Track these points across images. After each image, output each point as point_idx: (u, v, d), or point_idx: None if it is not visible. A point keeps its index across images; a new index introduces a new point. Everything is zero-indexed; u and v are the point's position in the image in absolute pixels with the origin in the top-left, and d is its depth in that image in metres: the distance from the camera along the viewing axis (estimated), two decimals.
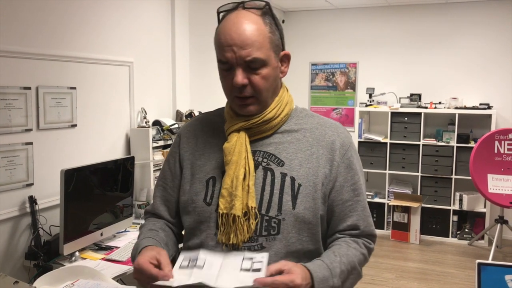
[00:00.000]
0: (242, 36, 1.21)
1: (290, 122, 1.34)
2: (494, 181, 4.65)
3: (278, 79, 1.31)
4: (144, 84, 3.67)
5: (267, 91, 1.27)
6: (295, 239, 1.26)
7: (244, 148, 1.27)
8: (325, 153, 1.29)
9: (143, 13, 3.64)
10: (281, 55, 1.30)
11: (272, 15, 1.28)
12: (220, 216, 1.26)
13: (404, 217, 5.40)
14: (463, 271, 4.55)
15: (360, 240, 1.31)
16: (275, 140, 1.31)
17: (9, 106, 2.55)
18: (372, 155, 5.68)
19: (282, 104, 1.32)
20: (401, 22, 5.79)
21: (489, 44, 5.43)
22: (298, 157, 1.29)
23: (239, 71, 1.22)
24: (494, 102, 5.40)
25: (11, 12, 2.57)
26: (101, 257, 2.63)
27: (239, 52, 1.21)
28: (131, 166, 3.07)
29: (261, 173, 1.28)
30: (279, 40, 1.28)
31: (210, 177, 1.33)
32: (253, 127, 1.30)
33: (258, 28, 1.23)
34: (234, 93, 1.26)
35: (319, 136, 1.32)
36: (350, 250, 1.27)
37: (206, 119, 1.45)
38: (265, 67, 1.24)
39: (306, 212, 1.25)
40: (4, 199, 2.55)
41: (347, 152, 1.31)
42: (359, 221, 1.30)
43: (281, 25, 1.32)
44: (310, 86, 6.26)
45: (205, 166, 1.35)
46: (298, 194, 1.25)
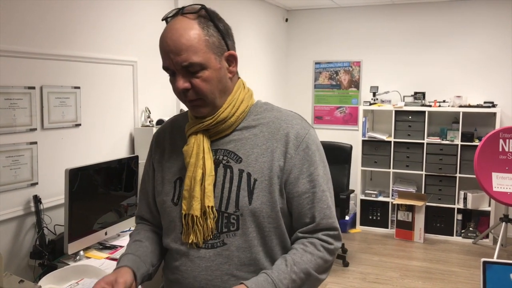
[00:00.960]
0: (176, 42, 1.23)
1: (249, 118, 1.36)
2: (499, 180, 4.63)
3: (224, 79, 1.30)
4: (148, 83, 3.67)
5: (212, 93, 1.28)
6: (256, 233, 1.29)
7: (201, 149, 1.30)
8: (279, 146, 1.30)
9: (147, 13, 3.64)
10: (226, 55, 1.30)
11: (211, 18, 1.27)
12: (184, 216, 1.31)
13: (408, 216, 5.39)
14: (467, 270, 4.54)
15: (318, 242, 1.29)
16: (234, 137, 1.34)
17: (14, 105, 2.56)
18: (376, 153, 5.67)
19: (236, 102, 1.33)
20: (405, 21, 5.78)
21: (494, 42, 5.41)
22: (255, 152, 1.31)
23: (179, 77, 1.25)
24: (499, 100, 5.38)
25: (15, 12, 2.57)
26: (105, 256, 2.63)
27: (175, 59, 1.23)
28: (135, 165, 3.08)
29: (222, 171, 1.31)
30: (220, 41, 1.28)
31: (177, 178, 1.37)
32: (210, 128, 1.32)
33: (192, 32, 1.23)
34: (181, 98, 1.29)
35: (274, 130, 1.32)
36: (305, 255, 1.27)
37: (175, 122, 1.49)
38: (205, 69, 1.25)
39: (263, 206, 1.27)
40: (9, 198, 2.56)
41: (302, 143, 1.30)
42: (314, 213, 1.30)
43: (226, 26, 1.32)
44: (314, 85, 6.26)
45: (173, 167, 1.39)
46: (254, 189, 1.28)
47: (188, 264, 1.31)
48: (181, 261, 1.33)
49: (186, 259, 1.31)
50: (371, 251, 5.04)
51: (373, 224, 5.77)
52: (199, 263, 1.29)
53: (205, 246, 1.29)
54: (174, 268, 1.35)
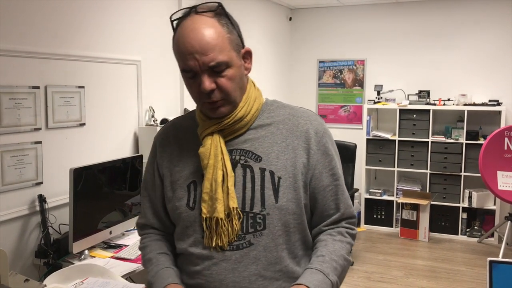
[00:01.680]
0: (202, 42, 1.19)
1: (262, 117, 1.34)
2: (504, 178, 4.61)
3: (244, 77, 1.30)
4: (152, 82, 3.68)
5: (235, 91, 1.26)
6: (282, 231, 1.28)
7: (219, 150, 1.28)
8: (300, 143, 1.30)
9: (151, 12, 3.65)
10: (242, 52, 1.29)
11: (226, 15, 1.26)
12: (204, 220, 1.28)
13: (413, 215, 5.38)
14: (472, 269, 4.52)
15: (343, 229, 1.35)
16: (249, 136, 1.31)
17: (18, 105, 2.57)
18: (381, 152, 5.66)
19: (250, 100, 1.31)
20: (409, 19, 5.76)
21: (498, 40, 5.39)
22: (275, 150, 1.29)
23: (205, 77, 1.21)
24: (504, 98, 5.35)
25: (19, 12, 2.58)
26: (110, 255, 2.64)
27: (202, 59, 1.20)
28: (139, 164, 3.08)
29: (241, 171, 1.29)
30: (238, 39, 1.27)
31: (191, 182, 1.33)
32: (226, 128, 1.30)
33: (215, 31, 1.21)
34: (203, 99, 1.25)
35: (292, 127, 1.32)
36: (337, 243, 1.31)
37: (178, 124, 1.44)
38: (230, 68, 1.23)
39: (290, 203, 1.27)
40: (14, 198, 2.57)
41: (322, 139, 1.32)
42: (339, 204, 1.34)
43: (236, 22, 1.30)
44: (318, 84, 6.25)
45: (184, 171, 1.35)
46: (279, 187, 1.27)
47: (213, 268, 1.27)
48: (204, 265, 1.29)
49: (209, 263, 1.28)
50: (376, 250, 5.03)
51: (377, 223, 5.76)
52: (225, 266, 1.26)
53: (230, 248, 1.26)
54: (194, 273, 1.31)
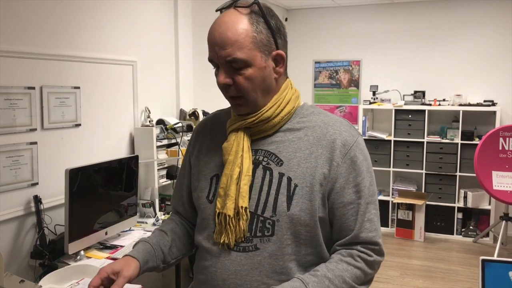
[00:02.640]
0: (223, 35, 1.19)
1: (294, 120, 1.30)
2: (499, 178, 4.63)
3: (269, 79, 1.25)
4: (148, 83, 3.68)
5: (253, 91, 1.23)
6: (291, 241, 1.23)
7: (241, 147, 1.26)
8: (324, 153, 1.24)
9: (147, 12, 3.65)
10: (274, 55, 1.24)
11: (263, 14, 1.23)
12: (217, 215, 1.27)
13: (408, 215, 5.39)
14: (468, 269, 4.54)
15: (356, 252, 1.23)
16: (277, 138, 1.29)
17: (14, 106, 2.56)
18: (376, 152, 5.67)
19: (281, 102, 1.28)
20: (404, 19, 5.78)
21: (493, 41, 5.41)
22: (297, 156, 1.25)
23: (222, 71, 1.22)
24: (499, 99, 5.38)
25: (15, 12, 2.57)
26: (106, 256, 2.64)
27: (220, 52, 1.20)
28: (135, 165, 3.08)
29: (261, 173, 1.26)
30: (269, 39, 1.22)
31: (214, 175, 1.33)
32: (252, 126, 1.28)
33: (240, 27, 1.19)
34: (223, 92, 1.26)
35: (320, 135, 1.26)
36: (341, 264, 1.21)
37: (217, 117, 1.45)
38: (249, 67, 1.20)
39: (302, 213, 1.21)
40: (9, 198, 2.56)
41: (350, 152, 1.24)
42: (356, 225, 1.23)
43: (278, 24, 1.26)
44: (314, 84, 6.26)
45: (210, 163, 1.36)
46: (293, 195, 1.22)
47: (218, 266, 1.26)
48: (211, 262, 1.28)
49: (216, 260, 1.27)
50: None
51: None
52: (229, 266, 1.24)
53: (237, 249, 1.24)
54: (203, 268, 1.31)
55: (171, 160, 3.66)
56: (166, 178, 3.65)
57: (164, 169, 3.65)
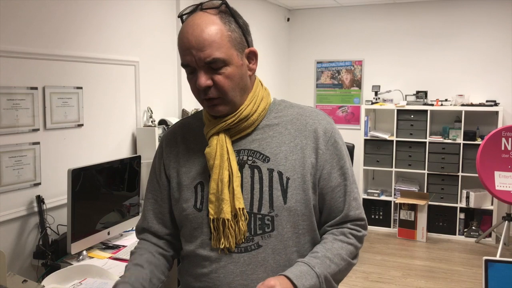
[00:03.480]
0: (199, 38, 1.19)
1: (270, 116, 1.33)
2: (501, 178, 4.62)
3: (245, 76, 1.27)
4: (150, 83, 3.68)
5: (233, 90, 1.24)
6: (291, 233, 1.26)
7: (225, 150, 1.26)
8: (309, 143, 1.28)
9: (149, 13, 3.65)
10: (246, 52, 1.27)
11: (231, 13, 1.25)
12: (212, 221, 1.26)
13: (410, 215, 5.39)
14: (470, 269, 4.53)
15: (347, 230, 1.30)
16: (257, 136, 1.30)
17: (16, 106, 2.57)
18: (378, 153, 5.67)
19: (257, 99, 1.30)
20: (406, 19, 5.77)
21: (496, 40, 5.40)
22: (283, 150, 1.28)
23: (201, 73, 1.21)
24: (501, 99, 5.37)
25: (17, 13, 2.58)
26: (108, 256, 2.64)
27: (198, 54, 1.19)
28: (137, 165, 3.08)
29: (248, 172, 1.27)
30: (241, 38, 1.25)
31: (198, 183, 1.32)
32: (231, 127, 1.28)
33: (215, 28, 1.20)
34: (201, 95, 1.25)
35: (301, 126, 1.30)
36: (336, 243, 1.27)
37: (186, 125, 1.43)
38: (228, 66, 1.21)
39: (298, 204, 1.25)
40: (12, 198, 2.57)
41: (331, 138, 1.30)
42: (344, 205, 1.30)
43: (245, 23, 1.29)
44: (316, 84, 6.25)
45: (190, 172, 1.34)
46: (287, 188, 1.25)
47: (220, 271, 1.25)
48: (211, 268, 1.27)
49: (217, 266, 1.26)
50: (374, 250, 5.04)
51: (375, 223, 5.77)
52: (233, 269, 1.24)
53: (238, 250, 1.24)
54: (201, 276, 1.29)
55: None
56: None
57: None
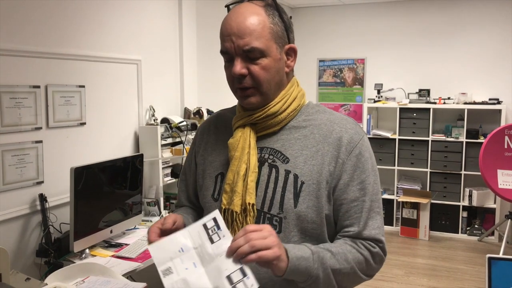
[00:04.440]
0: (241, 25, 1.20)
1: (299, 118, 1.31)
2: (504, 177, 4.61)
3: (282, 72, 1.27)
4: (152, 82, 3.68)
5: (268, 83, 1.23)
6: (297, 238, 1.23)
7: (247, 143, 1.26)
8: (330, 150, 1.24)
9: (151, 11, 3.65)
10: (286, 48, 1.27)
11: (277, 8, 1.26)
12: (223, 211, 1.26)
13: (413, 213, 5.38)
14: (473, 267, 4.52)
15: (359, 241, 1.23)
16: (282, 136, 1.29)
17: (19, 104, 2.57)
18: (381, 151, 5.66)
19: (288, 98, 1.29)
20: (409, 18, 5.76)
21: (498, 39, 5.38)
22: (304, 154, 1.25)
23: (238, 61, 1.21)
24: (504, 97, 5.35)
25: (19, 11, 2.58)
26: (111, 254, 2.65)
27: (237, 42, 1.19)
28: (140, 163, 3.09)
29: (267, 170, 1.26)
30: (283, 32, 1.26)
31: (219, 173, 1.33)
32: (258, 122, 1.28)
33: (258, 18, 1.21)
34: (235, 84, 1.25)
35: (326, 133, 1.26)
36: (344, 246, 1.22)
37: (221, 115, 1.45)
38: (265, 57, 1.21)
39: (309, 210, 1.21)
40: (15, 197, 2.58)
41: (355, 149, 1.24)
42: (360, 222, 1.23)
43: (289, 20, 1.30)
44: (318, 83, 6.25)
45: (215, 162, 1.35)
46: (300, 192, 1.22)
47: None
48: None
49: None
50: None
51: None
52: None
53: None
54: None
55: (175, 158, 3.67)
56: (170, 176, 3.66)
57: (168, 168, 3.65)
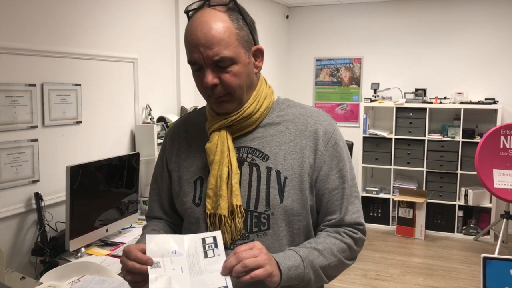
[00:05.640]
0: (208, 35, 1.18)
1: (272, 115, 1.32)
2: (500, 176, 4.63)
3: (252, 74, 1.27)
4: (149, 80, 3.68)
5: (240, 88, 1.24)
6: (286, 232, 1.26)
7: (226, 146, 1.26)
8: (308, 143, 1.27)
9: (147, 10, 3.64)
10: (253, 50, 1.26)
11: (239, 10, 1.24)
12: (208, 216, 1.27)
13: (409, 213, 5.39)
14: (468, 267, 4.54)
15: (342, 230, 1.29)
16: (258, 134, 1.30)
17: (15, 103, 2.56)
18: (377, 150, 5.67)
19: (260, 98, 1.30)
20: (406, 17, 5.77)
21: (495, 38, 5.40)
22: (282, 149, 1.27)
23: (208, 72, 1.20)
24: (500, 96, 5.37)
25: (15, 9, 2.57)
26: (106, 253, 2.64)
27: (206, 52, 1.18)
28: (136, 162, 3.08)
29: (247, 169, 1.27)
30: (249, 36, 1.24)
31: (198, 178, 1.32)
32: (233, 124, 1.28)
33: (223, 25, 1.19)
34: (207, 93, 1.25)
35: (302, 126, 1.29)
36: (328, 238, 1.26)
37: (189, 120, 1.44)
38: (235, 64, 1.21)
39: (295, 204, 1.25)
40: (10, 195, 2.57)
41: (331, 140, 1.29)
42: (341, 209, 1.28)
43: (252, 21, 1.28)
44: (315, 82, 6.25)
45: (191, 167, 1.34)
46: (284, 187, 1.24)
47: None
48: None
49: None
50: (372, 248, 5.04)
51: (374, 220, 5.77)
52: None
53: (233, 246, 1.24)
54: None
55: None
56: None
57: None
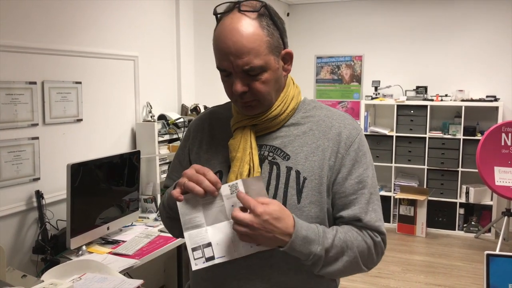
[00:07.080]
0: (238, 44, 1.15)
1: (297, 115, 1.31)
2: (501, 174, 4.62)
3: (281, 79, 1.27)
4: (149, 78, 3.67)
5: (269, 94, 1.23)
6: None
7: (248, 144, 1.26)
8: (330, 145, 1.25)
9: (148, 7, 3.63)
10: (283, 54, 1.25)
11: (270, 15, 1.22)
12: None
13: (410, 210, 5.39)
14: (469, 264, 4.54)
15: (364, 229, 1.23)
16: (281, 134, 1.29)
17: (15, 101, 2.56)
18: (378, 148, 5.66)
19: (287, 100, 1.29)
20: (407, 14, 5.75)
21: (496, 36, 5.39)
22: (304, 150, 1.26)
23: (238, 80, 1.19)
24: (501, 94, 5.36)
25: (16, 7, 2.57)
26: (108, 251, 2.64)
27: (236, 62, 1.16)
28: (137, 160, 3.08)
29: (267, 168, 1.26)
30: (279, 41, 1.23)
31: (217, 172, 1.31)
32: (258, 123, 1.28)
33: (254, 33, 1.17)
34: (236, 98, 1.24)
35: (326, 129, 1.28)
36: (351, 231, 1.21)
37: (215, 113, 1.44)
38: (265, 72, 1.20)
39: (312, 206, 1.22)
40: (11, 193, 2.57)
41: (354, 144, 1.26)
42: (361, 213, 1.23)
43: (282, 22, 1.26)
44: (316, 80, 6.24)
45: (211, 160, 1.34)
46: (303, 188, 1.22)
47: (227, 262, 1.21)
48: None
49: None
50: None
51: None
52: (240, 261, 1.20)
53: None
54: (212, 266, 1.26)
55: (172, 155, 3.66)
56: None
57: (165, 164, 3.64)
